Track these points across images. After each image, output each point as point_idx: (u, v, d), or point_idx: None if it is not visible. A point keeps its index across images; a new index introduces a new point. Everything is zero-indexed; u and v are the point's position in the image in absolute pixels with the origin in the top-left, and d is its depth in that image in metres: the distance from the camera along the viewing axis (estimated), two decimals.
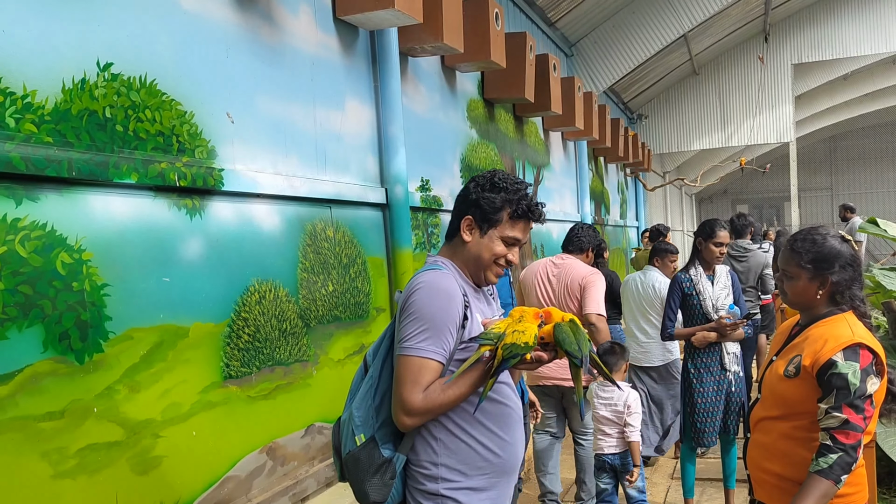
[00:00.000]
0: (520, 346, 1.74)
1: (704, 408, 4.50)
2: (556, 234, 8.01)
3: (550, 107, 6.68)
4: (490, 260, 2.01)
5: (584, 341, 1.78)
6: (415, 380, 1.87)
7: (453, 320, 1.91)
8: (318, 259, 3.66)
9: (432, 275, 1.97)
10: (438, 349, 1.88)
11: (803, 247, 2.34)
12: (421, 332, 1.89)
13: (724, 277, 4.66)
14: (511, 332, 1.77)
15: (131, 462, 2.54)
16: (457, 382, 1.86)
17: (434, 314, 1.89)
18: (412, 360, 1.88)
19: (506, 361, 1.75)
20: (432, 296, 1.92)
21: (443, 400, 1.85)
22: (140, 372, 2.59)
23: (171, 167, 2.73)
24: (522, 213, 2.00)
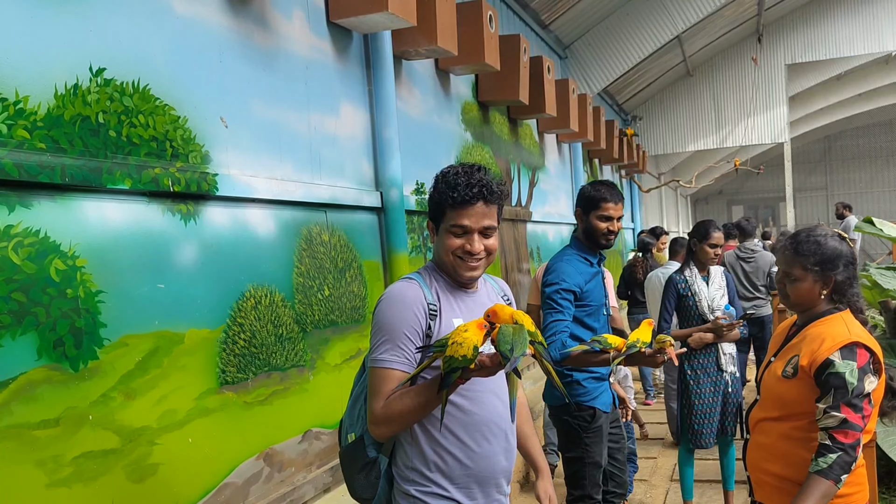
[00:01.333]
0: (456, 360, 1.70)
1: (702, 409, 4.50)
2: (551, 236, 8.01)
3: (545, 109, 6.68)
4: (451, 256, 2.01)
5: (522, 343, 1.72)
6: (377, 390, 1.91)
7: (410, 326, 1.92)
8: (313, 263, 3.65)
9: (396, 285, 2.02)
10: (399, 357, 1.91)
11: (808, 249, 2.32)
12: (381, 342, 1.93)
13: (719, 278, 4.66)
14: (451, 344, 1.72)
15: (127, 470, 2.52)
16: (411, 391, 1.87)
17: (391, 323, 1.93)
18: (375, 372, 1.94)
19: (447, 376, 1.71)
20: (389, 305, 1.96)
21: (401, 408, 1.86)
22: (135, 379, 2.58)
23: (165, 172, 2.72)
24: (460, 199, 1.95)
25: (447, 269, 2.04)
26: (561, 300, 3.27)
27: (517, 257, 6.79)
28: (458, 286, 2.07)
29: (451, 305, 2.03)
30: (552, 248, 7.99)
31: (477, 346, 1.71)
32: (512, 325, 1.76)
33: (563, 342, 3.16)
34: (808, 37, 12.97)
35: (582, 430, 3.39)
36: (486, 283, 2.23)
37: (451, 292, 2.06)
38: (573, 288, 3.28)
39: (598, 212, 3.35)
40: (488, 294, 2.18)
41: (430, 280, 2.05)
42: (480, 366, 1.73)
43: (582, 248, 3.46)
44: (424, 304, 1.96)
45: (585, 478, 3.39)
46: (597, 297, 3.41)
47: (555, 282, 3.32)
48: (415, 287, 1.99)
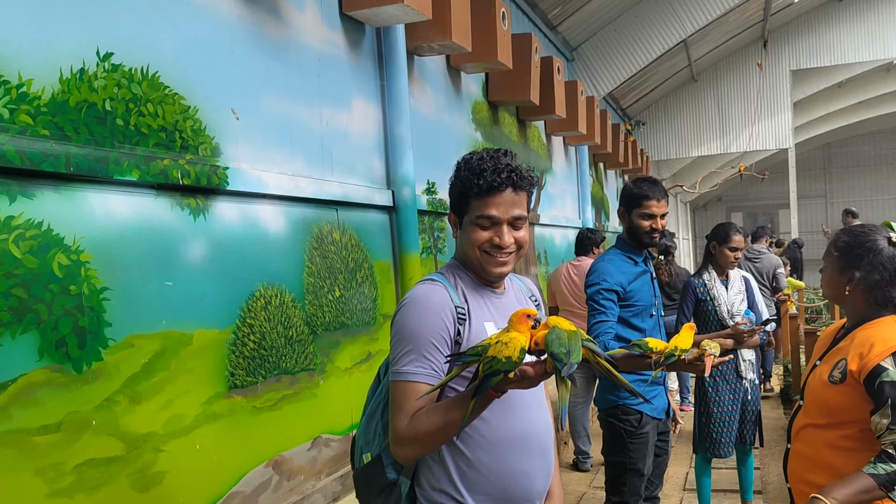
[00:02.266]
0: (500, 361, 1.51)
1: (720, 417, 4.36)
2: (558, 239, 7.89)
3: (555, 110, 6.56)
4: (477, 252, 1.83)
5: (578, 349, 1.55)
6: (400, 406, 1.73)
7: (437, 334, 1.74)
8: (324, 263, 3.51)
9: (418, 289, 1.83)
10: (424, 369, 1.73)
11: (840, 236, 2.25)
12: (405, 353, 1.75)
13: (739, 282, 4.54)
14: (495, 344, 1.55)
15: (132, 478, 2.38)
16: (440, 407, 1.69)
17: (414, 331, 1.75)
18: (398, 386, 1.75)
19: (486, 380, 1.53)
20: (411, 312, 1.78)
21: (428, 427, 1.67)
22: (141, 382, 2.43)
23: (174, 164, 2.58)
24: (486, 187, 1.77)
25: (473, 265, 1.87)
26: (603, 301, 3.16)
27: (525, 261, 6.66)
28: (485, 285, 1.90)
29: (481, 308, 1.86)
30: (559, 252, 7.86)
31: (524, 349, 1.54)
32: (565, 329, 1.58)
33: (606, 344, 3.05)
34: (813, 43, 12.90)
35: (626, 435, 3.27)
36: (512, 283, 2.07)
37: (479, 293, 1.88)
38: (615, 287, 3.18)
39: (640, 210, 3.26)
40: (516, 295, 2.02)
41: (454, 280, 1.88)
42: (521, 375, 1.55)
43: (626, 248, 3.36)
44: (452, 308, 1.78)
45: (625, 484, 3.27)
46: (644, 297, 3.29)
47: (596, 282, 3.22)
48: (439, 289, 1.81)
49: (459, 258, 1.93)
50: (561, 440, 5.95)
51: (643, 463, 3.28)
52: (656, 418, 3.33)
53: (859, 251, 2.18)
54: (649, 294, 3.35)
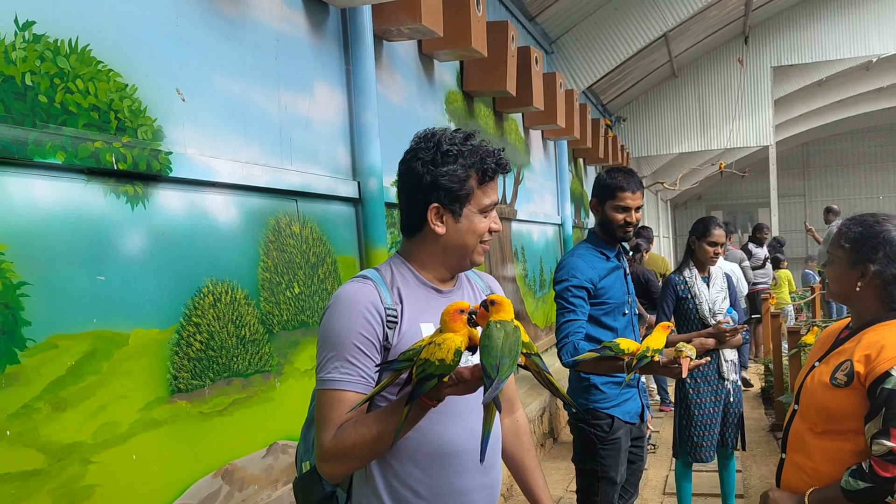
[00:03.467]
0: (432, 364, 1.36)
1: (702, 420, 4.19)
2: (536, 236, 7.70)
3: (532, 102, 6.36)
4: (476, 242, 1.71)
5: (511, 362, 1.36)
6: (325, 418, 1.58)
7: (362, 336, 1.58)
8: (282, 258, 3.28)
9: (345, 288, 1.66)
10: (351, 375, 1.57)
11: (848, 226, 2.05)
12: (329, 359, 1.60)
13: (721, 280, 4.37)
14: (427, 346, 1.40)
15: (55, 494, 2.14)
16: (369, 418, 1.54)
17: (338, 334, 1.59)
18: (323, 395, 1.59)
19: (419, 386, 1.38)
20: (336, 313, 1.63)
21: (356, 440, 1.52)
22: (66, 387, 2.20)
23: (108, 147, 2.34)
24: (493, 173, 1.69)
25: (455, 258, 1.72)
26: (573, 298, 2.98)
27: (501, 258, 6.46)
28: (433, 284, 1.73)
29: (420, 308, 1.68)
30: (536, 249, 7.68)
31: (460, 351, 1.38)
32: (500, 325, 1.39)
33: (576, 345, 2.86)
34: (794, 39, 12.82)
35: (597, 441, 3.09)
36: (469, 281, 1.88)
37: (423, 292, 1.71)
38: (585, 284, 2.99)
39: (614, 202, 3.08)
40: (469, 294, 1.84)
41: (391, 278, 1.70)
42: (458, 379, 1.39)
43: (598, 242, 3.17)
44: (381, 309, 1.61)
45: (598, 494, 3.08)
46: (616, 294, 3.10)
47: (564, 279, 3.03)
48: (369, 288, 1.64)
49: (432, 252, 1.73)
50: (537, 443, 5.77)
51: (616, 471, 3.11)
52: (629, 422, 3.16)
53: (874, 242, 1.97)
54: (622, 291, 3.18)
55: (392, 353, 1.61)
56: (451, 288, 1.78)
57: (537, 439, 5.86)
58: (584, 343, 2.89)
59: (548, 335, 7.76)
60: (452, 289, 1.78)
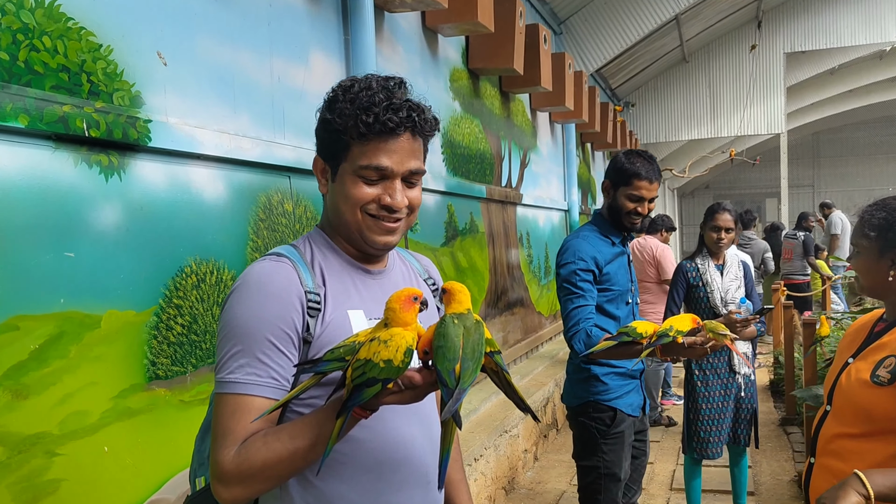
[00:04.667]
0: (376, 367, 1.12)
1: (710, 415, 4.00)
2: (542, 221, 7.49)
3: (540, 82, 6.13)
4: (357, 214, 1.40)
5: (476, 361, 1.15)
6: (226, 429, 1.29)
7: (277, 329, 1.32)
8: (273, 238, 3.08)
9: (255, 268, 1.38)
10: (260, 377, 1.30)
11: (870, 213, 1.85)
12: (232, 356, 1.31)
13: (736, 268, 4.16)
14: (369, 343, 1.16)
15: (15, 489, 1.96)
16: (284, 430, 1.27)
17: (246, 325, 1.32)
18: (223, 400, 1.30)
19: (357, 392, 1.14)
20: (243, 298, 1.34)
21: (266, 458, 1.25)
22: (29, 372, 2.01)
23: (78, 112, 2.14)
24: (379, 127, 1.35)
25: (347, 233, 1.44)
26: (580, 282, 2.79)
27: (506, 243, 6.26)
28: (359, 262, 1.48)
29: (346, 292, 1.43)
30: (542, 234, 7.47)
31: (411, 350, 1.15)
32: (458, 319, 1.17)
33: (588, 332, 2.69)
34: (808, 25, 12.52)
35: (599, 436, 2.90)
36: (402, 261, 1.64)
37: (347, 272, 1.46)
38: (591, 267, 2.80)
39: (628, 189, 2.87)
40: (405, 276, 1.59)
41: (310, 255, 1.45)
42: (408, 385, 1.16)
43: (604, 226, 2.97)
44: (301, 294, 1.35)
45: (600, 492, 2.90)
46: (620, 282, 2.92)
47: (570, 261, 2.83)
48: (285, 268, 1.38)
49: (329, 223, 1.49)
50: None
51: (620, 467, 2.93)
52: (632, 415, 2.98)
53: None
54: (626, 279, 3.00)
55: (314, 348, 1.36)
56: (382, 268, 1.52)
57: (540, 431, 5.69)
58: (597, 329, 2.71)
59: (552, 323, 7.57)
60: (384, 269, 1.52)
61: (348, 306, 1.41)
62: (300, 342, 1.35)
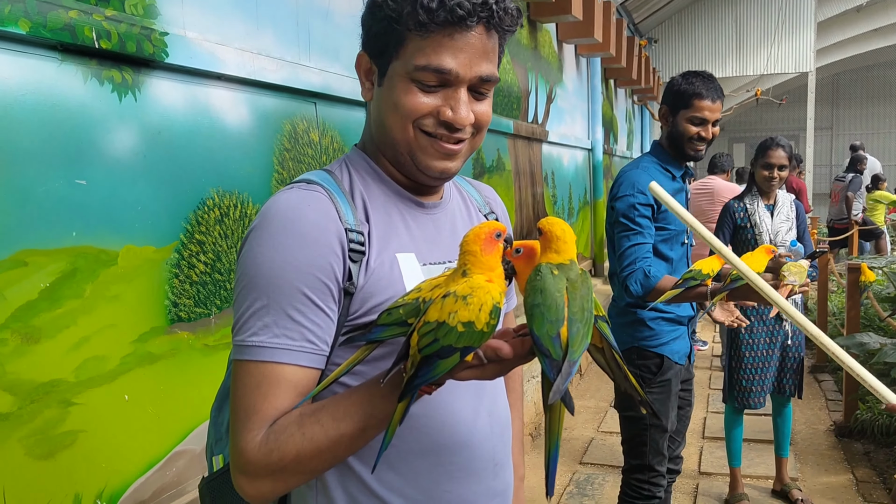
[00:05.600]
0: (454, 333, 0.86)
1: (753, 363, 3.80)
2: (566, 160, 7.20)
3: (570, 10, 5.78)
4: (404, 129, 1.11)
5: (587, 324, 0.89)
6: (251, 407, 1.04)
7: (314, 278, 1.05)
8: (298, 169, 2.84)
9: (283, 199, 1.09)
10: (294, 340, 1.04)
11: None
12: (255, 313, 1.05)
13: (787, 208, 3.91)
14: (440, 301, 0.89)
15: (28, 442, 1.77)
16: (327, 408, 1.02)
17: (273, 272, 1.04)
18: (246, 370, 1.05)
19: (429, 366, 0.88)
20: (267, 240, 1.06)
21: (302, 447, 1.00)
22: (40, 313, 1.80)
23: (86, 19, 1.87)
24: (443, 17, 1.04)
25: (395, 154, 1.16)
26: (639, 218, 2.57)
27: (531, 181, 5.99)
28: (409, 193, 1.20)
29: (395, 230, 1.16)
30: (566, 174, 7.19)
31: (498, 308, 0.89)
32: (559, 270, 0.90)
33: (646, 272, 2.48)
34: None
35: (644, 384, 2.72)
36: (459, 191, 1.35)
37: (396, 205, 1.18)
38: (651, 202, 2.58)
39: (689, 111, 2.64)
40: (463, 212, 1.31)
41: (350, 183, 1.17)
42: (492, 357, 0.90)
43: (664, 157, 2.73)
44: (341, 233, 1.08)
45: (646, 443, 2.73)
46: (677, 221, 2.70)
47: (628, 194, 2.60)
48: (320, 199, 1.10)
49: (369, 141, 1.22)
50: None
51: (666, 416, 2.76)
52: (678, 363, 2.80)
53: None
54: None
55: (357, 301, 1.09)
56: (437, 201, 1.25)
57: None
58: (656, 269, 2.50)
59: None
60: (439, 202, 1.25)
61: (397, 248, 1.15)
62: (341, 294, 1.09)
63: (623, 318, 2.80)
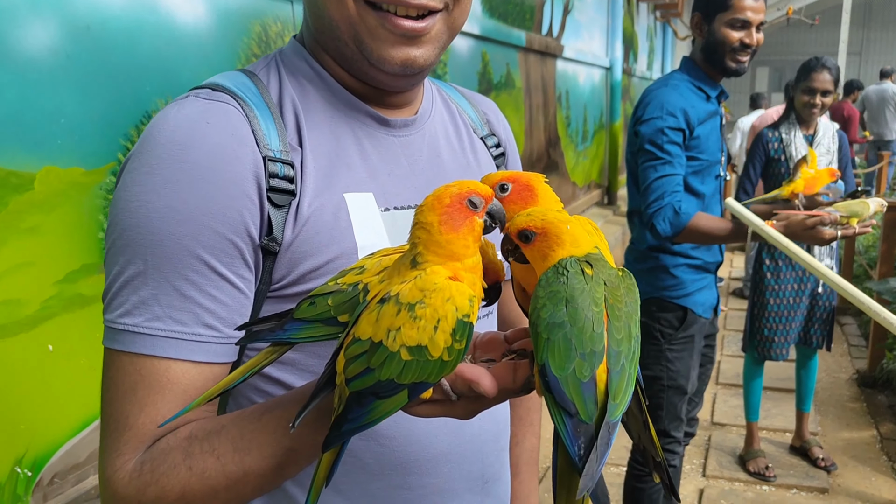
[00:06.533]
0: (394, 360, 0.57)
1: (778, 311, 3.46)
2: (582, 79, 6.70)
3: None
4: (340, 4, 0.80)
5: (631, 356, 0.58)
6: (122, 420, 0.75)
7: (213, 233, 0.75)
8: None
9: (172, 115, 0.80)
10: (182, 321, 0.75)
11: None
12: (128, 281, 0.75)
13: (829, 140, 3.49)
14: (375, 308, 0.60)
15: None
16: (228, 434, 0.73)
17: (154, 226, 0.74)
18: (116, 363, 0.76)
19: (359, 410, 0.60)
20: (149, 176, 0.76)
21: (188, 483, 0.72)
22: None
23: None
24: None
25: (338, 45, 0.84)
26: (668, 144, 2.21)
27: (544, 102, 5.53)
28: (366, 102, 0.88)
29: (345, 157, 0.84)
30: (581, 94, 6.70)
31: (465, 323, 0.58)
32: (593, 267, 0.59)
33: (676, 209, 2.16)
34: None
35: (664, 340, 2.42)
36: (446, 104, 1.01)
37: (347, 120, 0.86)
38: (682, 125, 2.22)
39: (727, 14, 2.26)
40: (450, 133, 0.97)
41: (281, 90, 0.86)
42: (464, 392, 0.60)
43: (696, 74, 2.34)
44: (257, 164, 0.78)
45: (661, 407, 2.44)
46: (710, 149, 2.34)
47: (656, 116, 2.23)
48: (229, 116, 0.80)
49: (306, 30, 0.90)
50: None
51: (686, 378, 2.46)
52: (703, 317, 2.49)
53: None
54: (717, 146, 2.41)
55: (283, 266, 0.80)
56: (410, 116, 0.92)
57: None
58: (687, 205, 2.17)
59: (586, 194, 6.96)
60: (412, 118, 0.92)
61: (346, 185, 0.82)
62: (258, 255, 0.78)
63: (642, 264, 2.47)
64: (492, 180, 0.69)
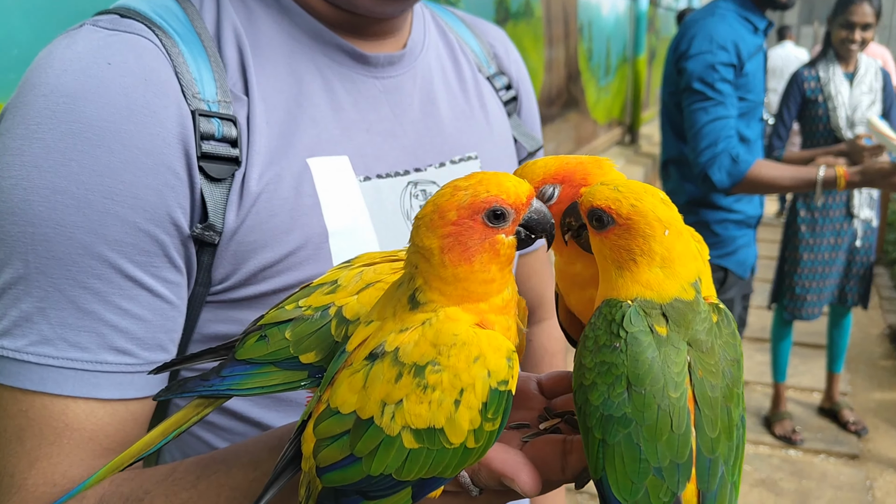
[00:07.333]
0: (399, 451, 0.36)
1: (812, 266, 3.22)
2: (605, 10, 6.31)
3: None
4: None
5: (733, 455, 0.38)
6: (10, 479, 0.55)
7: (125, 225, 0.56)
8: None
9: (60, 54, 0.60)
10: (81, 346, 0.55)
11: None
12: (5, 290, 0.55)
13: (871, 77, 3.18)
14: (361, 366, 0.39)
15: None
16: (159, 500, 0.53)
17: (38, 214, 0.54)
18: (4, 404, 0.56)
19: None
20: (29, 142, 0.55)
21: None
22: None
23: None
24: None
25: None
26: (720, 83, 1.99)
27: (565, 33, 5.19)
28: (338, 32, 0.66)
29: (309, 108, 0.64)
30: (604, 26, 6.32)
31: (506, 392, 0.36)
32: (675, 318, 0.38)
33: (734, 157, 1.95)
34: None
35: None
36: (443, 34, 0.79)
37: (314, 58, 0.65)
38: (733, 60, 1.98)
39: None
40: (449, 72, 0.75)
41: (219, 14, 0.66)
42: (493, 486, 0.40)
43: (744, 2, 2.08)
44: (185, 125, 0.58)
45: None
46: (756, 88, 2.11)
47: (705, 50, 2.00)
48: (142, 55, 0.60)
49: None
50: None
51: None
52: (742, 277, 2.29)
53: None
54: (761, 84, 2.16)
55: (226, 263, 0.61)
56: (396, 51, 0.71)
57: None
58: (745, 154, 1.96)
59: (607, 132, 6.66)
60: (399, 53, 0.71)
61: (310, 147, 0.64)
62: (189, 251, 0.59)
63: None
64: (532, 176, 0.46)
